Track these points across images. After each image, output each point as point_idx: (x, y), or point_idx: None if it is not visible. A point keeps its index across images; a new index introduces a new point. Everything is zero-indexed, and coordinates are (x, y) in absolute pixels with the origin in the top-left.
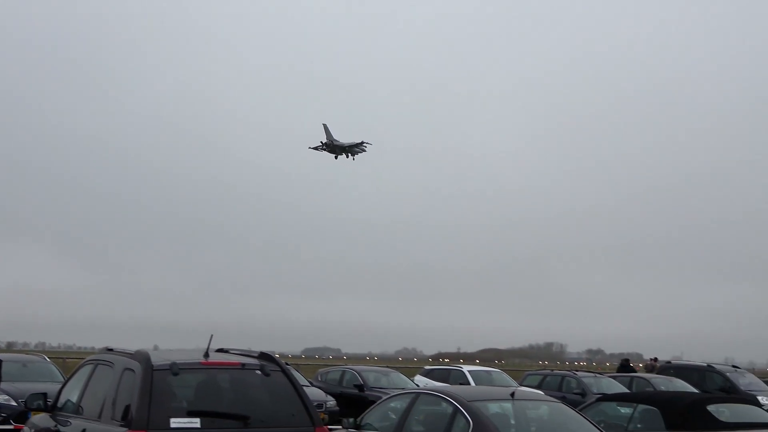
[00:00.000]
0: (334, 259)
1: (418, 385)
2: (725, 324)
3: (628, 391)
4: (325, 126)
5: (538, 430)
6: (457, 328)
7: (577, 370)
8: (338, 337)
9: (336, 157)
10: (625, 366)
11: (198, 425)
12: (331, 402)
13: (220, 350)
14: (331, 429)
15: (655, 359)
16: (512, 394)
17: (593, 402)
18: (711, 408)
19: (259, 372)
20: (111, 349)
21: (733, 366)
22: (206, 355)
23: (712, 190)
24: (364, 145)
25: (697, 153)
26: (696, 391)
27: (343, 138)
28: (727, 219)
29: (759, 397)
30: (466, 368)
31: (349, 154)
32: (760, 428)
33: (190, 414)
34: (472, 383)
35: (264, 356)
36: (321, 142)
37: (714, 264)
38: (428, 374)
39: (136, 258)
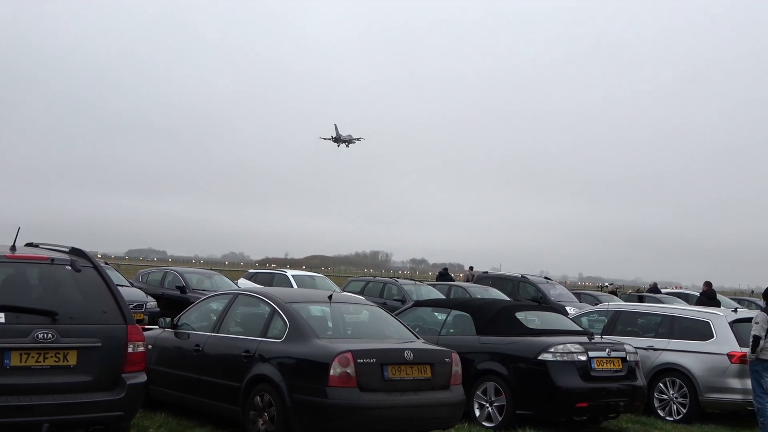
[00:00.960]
0: (160, 159)
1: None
2: (543, 239)
3: (445, 298)
4: (335, 126)
5: (354, 332)
6: (285, 234)
7: (398, 278)
8: (164, 240)
9: (338, 146)
10: (444, 275)
11: (2, 320)
12: (152, 303)
13: (28, 244)
14: (147, 329)
15: (471, 268)
16: (330, 297)
17: (410, 307)
18: (520, 315)
19: (69, 267)
20: None
21: (546, 278)
22: (13, 248)
23: (531, 112)
24: (361, 139)
25: (525, 84)
26: (508, 299)
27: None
28: (545, 139)
29: (567, 307)
30: (290, 273)
31: (348, 144)
32: (564, 335)
33: None
34: (296, 287)
35: (75, 251)
36: (331, 137)
37: (534, 183)
38: (252, 278)
39: None
